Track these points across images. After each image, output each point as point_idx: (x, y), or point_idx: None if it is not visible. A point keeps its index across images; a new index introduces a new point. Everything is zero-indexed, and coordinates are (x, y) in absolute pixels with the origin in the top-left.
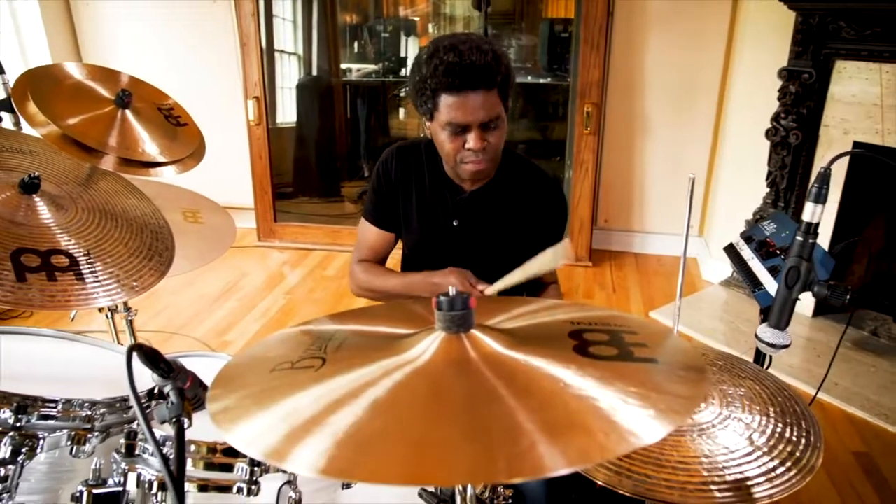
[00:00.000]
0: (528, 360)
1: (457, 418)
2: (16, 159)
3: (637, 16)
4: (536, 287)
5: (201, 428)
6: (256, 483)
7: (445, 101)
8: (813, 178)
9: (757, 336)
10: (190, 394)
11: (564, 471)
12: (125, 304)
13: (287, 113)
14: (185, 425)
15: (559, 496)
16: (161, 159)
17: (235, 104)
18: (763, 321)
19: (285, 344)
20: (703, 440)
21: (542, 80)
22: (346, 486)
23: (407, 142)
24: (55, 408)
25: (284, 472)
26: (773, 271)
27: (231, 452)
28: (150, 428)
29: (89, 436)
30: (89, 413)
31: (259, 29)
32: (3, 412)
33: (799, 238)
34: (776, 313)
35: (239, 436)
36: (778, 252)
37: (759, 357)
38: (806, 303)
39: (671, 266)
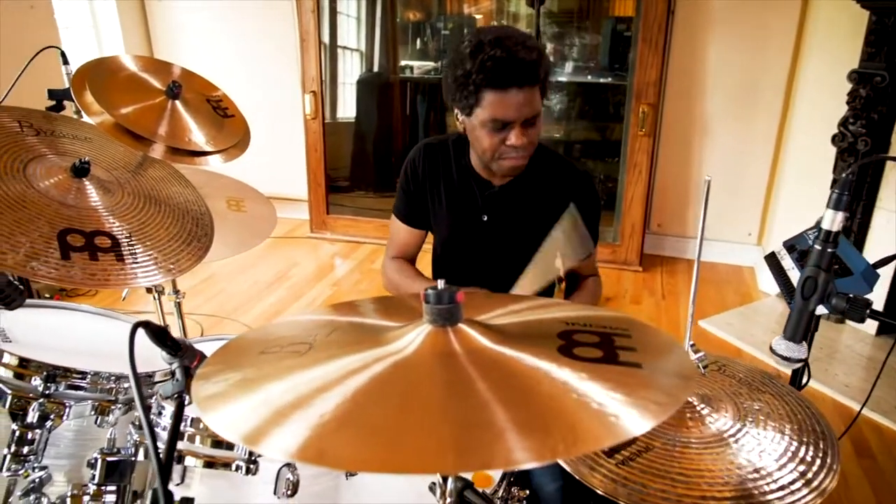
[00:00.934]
0: (511, 355)
1: (431, 409)
2: (71, 145)
3: (700, 14)
4: (574, 279)
5: None
6: (255, 462)
7: (490, 97)
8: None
9: (771, 348)
10: (196, 372)
11: (530, 464)
12: (174, 286)
13: (347, 108)
14: (186, 402)
15: (575, 501)
16: (207, 149)
17: (296, 99)
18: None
19: (286, 328)
20: (708, 453)
21: (601, 80)
22: (351, 473)
23: (434, 138)
24: (83, 379)
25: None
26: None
27: None
28: (143, 400)
29: (113, 407)
30: (114, 386)
31: (318, 25)
32: (34, 380)
33: (817, 247)
34: (792, 325)
35: (217, 418)
36: None
37: (796, 378)
38: (870, 321)
39: (726, 274)
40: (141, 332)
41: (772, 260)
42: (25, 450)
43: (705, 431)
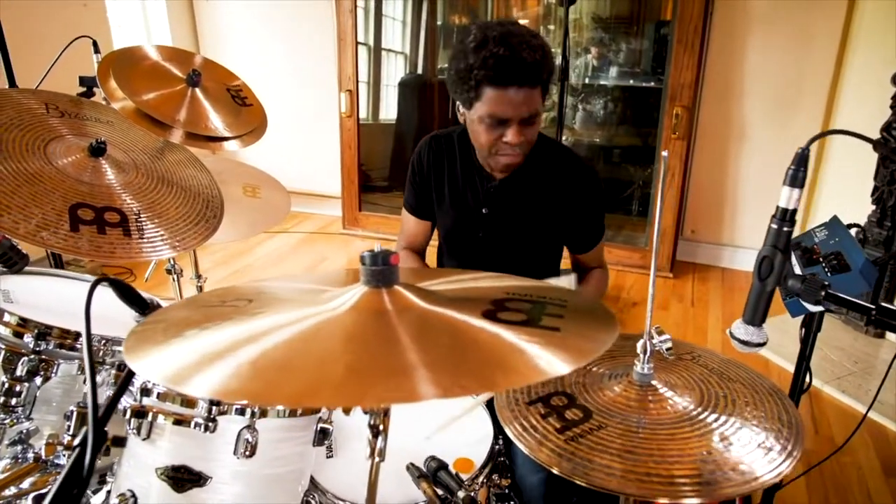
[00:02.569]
0: (438, 312)
1: (350, 353)
2: (94, 127)
3: (739, 15)
4: (580, 271)
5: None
6: (214, 421)
7: (489, 93)
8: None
9: (730, 332)
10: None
11: (435, 398)
12: (196, 271)
13: (389, 110)
14: None
15: (558, 496)
16: (224, 134)
17: (334, 98)
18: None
19: (239, 291)
20: (664, 434)
21: (643, 84)
22: (329, 455)
23: (442, 131)
24: (72, 339)
25: (243, 415)
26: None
27: (216, 400)
28: (91, 355)
29: (100, 368)
30: (101, 348)
31: (356, 25)
32: (26, 337)
33: (773, 226)
34: (750, 308)
35: (144, 363)
36: (820, 259)
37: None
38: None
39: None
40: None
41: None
42: (13, 401)
43: (664, 414)
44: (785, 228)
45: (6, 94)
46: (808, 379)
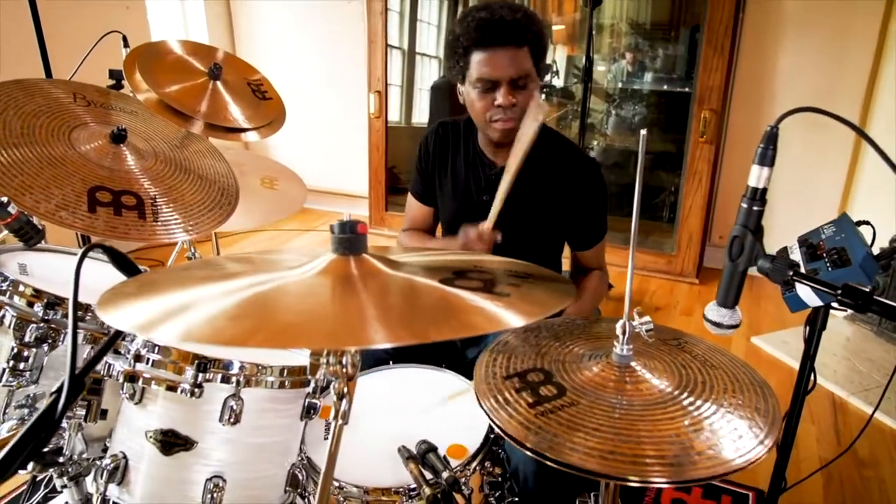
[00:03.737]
0: (399, 277)
1: (313, 306)
2: (118, 116)
3: (772, 17)
4: (579, 273)
5: None
6: (200, 387)
7: (476, 57)
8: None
9: (704, 316)
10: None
11: (385, 344)
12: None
13: (423, 113)
14: None
15: (552, 484)
16: (243, 125)
17: (364, 99)
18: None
19: (226, 259)
20: (636, 414)
21: (677, 90)
22: (327, 436)
23: (450, 118)
24: (80, 310)
25: (229, 383)
26: (812, 274)
27: (202, 367)
28: (75, 309)
29: (104, 338)
30: (119, 330)
31: (386, 27)
32: (36, 306)
33: (744, 205)
34: (722, 289)
35: (114, 314)
36: (823, 255)
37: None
38: None
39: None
40: None
41: (783, 254)
42: (21, 365)
43: (638, 395)
44: (755, 208)
45: (36, 83)
46: (812, 378)
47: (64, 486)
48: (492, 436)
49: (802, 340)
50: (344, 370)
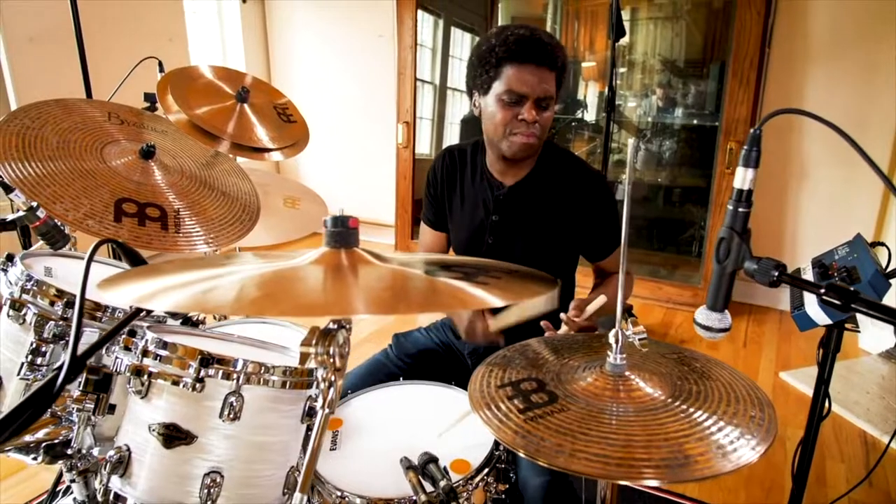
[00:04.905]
0: (385, 268)
1: (303, 287)
2: (148, 134)
3: (799, 49)
4: (603, 276)
5: None
6: (202, 381)
7: (509, 70)
8: None
9: (694, 320)
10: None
11: (366, 314)
12: None
13: None
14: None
15: (559, 500)
16: (268, 146)
17: (392, 131)
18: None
19: (233, 254)
20: (624, 420)
21: (707, 124)
22: (333, 448)
23: (457, 144)
24: (99, 311)
25: (229, 379)
26: None
27: (205, 362)
28: (82, 304)
29: (117, 337)
30: (132, 329)
31: (415, 60)
32: (56, 305)
33: (730, 207)
34: (712, 292)
35: (114, 292)
36: (834, 274)
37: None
38: None
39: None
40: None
41: (795, 274)
42: (39, 360)
43: (630, 403)
44: (741, 209)
45: (75, 103)
46: (826, 405)
47: (72, 481)
48: (496, 453)
49: (842, 380)
50: (332, 360)
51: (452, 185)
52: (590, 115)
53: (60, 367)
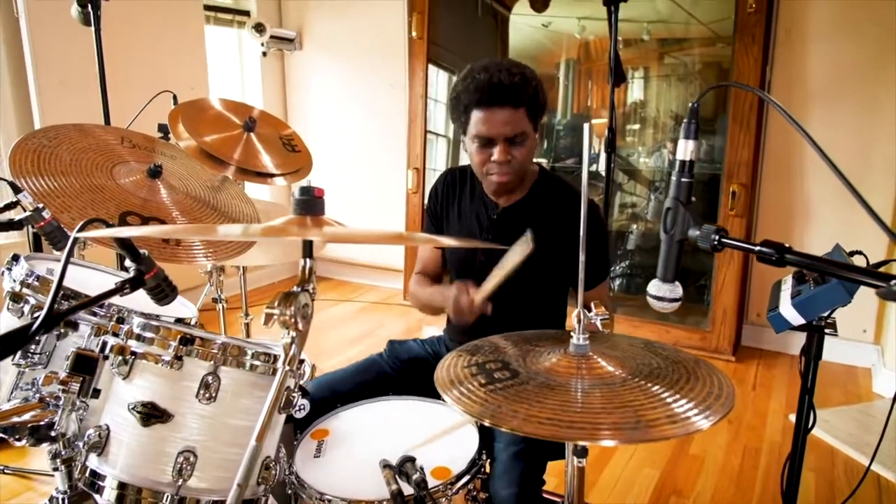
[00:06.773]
0: (352, 233)
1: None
2: (157, 158)
3: (796, 91)
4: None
5: None
6: (180, 359)
7: (475, 115)
8: None
9: (647, 292)
10: (151, 283)
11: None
12: (245, 310)
13: None
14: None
15: None
16: (272, 171)
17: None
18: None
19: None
20: (581, 391)
21: (716, 173)
22: (317, 455)
23: (458, 166)
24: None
25: (207, 360)
26: (794, 295)
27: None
28: (67, 259)
29: (108, 331)
30: (114, 314)
31: (426, 109)
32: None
33: (674, 177)
34: (662, 263)
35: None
36: (808, 280)
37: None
38: None
39: (834, 374)
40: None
41: (776, 286)
42: (33, 348)
43: (590, 378)
44: (684, 180)
45: (90, 127)
46: (811, 417)
47: (55, 469)
48: (479, 462)
49: (855, 422)
50: (293, 321)
51: (451, 202)
52: (602, 168)
53: (38, 316)
